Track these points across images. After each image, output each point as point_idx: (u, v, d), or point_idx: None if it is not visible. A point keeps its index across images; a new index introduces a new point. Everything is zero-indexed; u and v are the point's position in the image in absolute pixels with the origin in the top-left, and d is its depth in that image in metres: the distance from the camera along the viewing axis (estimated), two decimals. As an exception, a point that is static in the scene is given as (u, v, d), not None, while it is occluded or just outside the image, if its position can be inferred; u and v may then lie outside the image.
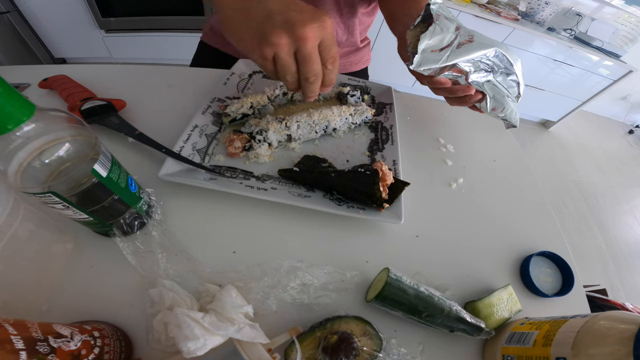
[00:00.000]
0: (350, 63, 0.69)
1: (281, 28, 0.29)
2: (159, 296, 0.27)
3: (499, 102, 0.45)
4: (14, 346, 0.16)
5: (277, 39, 0.29)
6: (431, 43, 0.38)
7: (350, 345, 0.26)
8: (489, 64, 0.42)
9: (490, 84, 0.44)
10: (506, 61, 0.42)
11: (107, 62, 1.98)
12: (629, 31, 2.15)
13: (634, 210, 1.99)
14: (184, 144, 0.40)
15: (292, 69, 0.32)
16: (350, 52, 0.67)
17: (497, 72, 0.43)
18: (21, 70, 0.51)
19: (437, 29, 0.38)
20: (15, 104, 0.18)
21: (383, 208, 0.36)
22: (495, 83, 0.44)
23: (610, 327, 0.22)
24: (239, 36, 0.32)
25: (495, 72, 0.43)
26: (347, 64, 0.68)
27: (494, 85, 0.44)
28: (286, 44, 0.30)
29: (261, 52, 0.30)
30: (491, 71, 0.42)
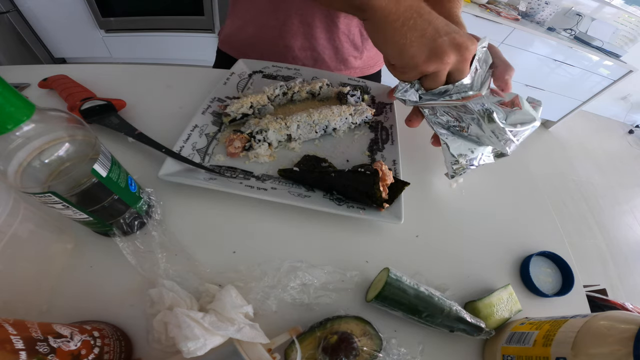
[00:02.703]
0: (368, 67, 0.68)
1: (451, 48, 0.31)
2: (159, 296, 0.27)
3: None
4: (14, 346, 0.16)
5: (447, 58, 0.31)
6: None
7: (350, 345, 0.26)
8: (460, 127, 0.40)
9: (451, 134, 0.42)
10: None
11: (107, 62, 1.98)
12: (629, 31, 2.15)
13: (634, 210, 1.99)
14: (183, 144, 0.40)
15: (440, 84, 0.35)
16: (370, 55, 0.66)
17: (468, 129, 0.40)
18: (21, 70, 0.51)
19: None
20: (15, 104, 0.18)
21: (383, 208, 0.36)
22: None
23: (610, 327, 0.22)
24: (403, 49, 0.32)
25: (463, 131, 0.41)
26: (365, 67, 0.67)
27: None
28: (451, 62, 0.32)
29: (426, 67, 0.32)
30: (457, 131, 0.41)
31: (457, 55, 0.32)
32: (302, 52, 0.60)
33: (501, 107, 0.38)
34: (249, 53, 0.61)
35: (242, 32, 0.61)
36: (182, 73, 0.55)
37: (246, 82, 0.53)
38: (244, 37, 0.61)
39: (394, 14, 0.31)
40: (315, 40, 0.58)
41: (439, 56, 0.31)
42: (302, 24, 0.55)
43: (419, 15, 0.31)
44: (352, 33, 0.58)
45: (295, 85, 0.50)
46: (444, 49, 0.31)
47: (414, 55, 0.32)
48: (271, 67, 0.56)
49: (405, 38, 0.31)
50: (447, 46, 0.31)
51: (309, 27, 0.55)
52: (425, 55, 0.32)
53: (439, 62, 0.32)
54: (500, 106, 0.38)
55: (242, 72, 0.54)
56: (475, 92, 0.37)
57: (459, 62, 0.33)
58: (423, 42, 0.31)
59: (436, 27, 0.31)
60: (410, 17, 0.31)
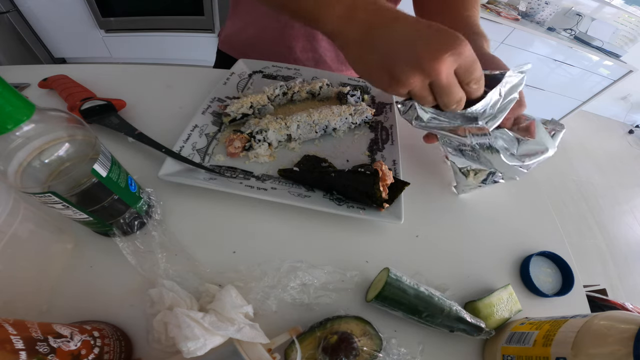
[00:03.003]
0: None
1: (408, 66, 0.26)
2: (159, 296, 0.27)
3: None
4: (14, 346, 0.16)
5: (406, 79, 0.27)
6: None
7: (350, 345, 0.26)
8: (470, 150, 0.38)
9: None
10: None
11: (107, 62, 1.98)
12: (629, 31, 2.15)
13: (634, 210, 1.99)
14: (183, 144, 0.40)
15: (430, 99, 0.30)
16: None
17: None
18: (21, 70, 0.51)
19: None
20: (15, 104, 0.18)
21: (383, 208, 0.36)
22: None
23: (610, 327, 0.22)
24: (369, 75, 0.29)
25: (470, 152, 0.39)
26: None
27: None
28: (418, 81, 0.27)
29: (396, 92, 0.29)
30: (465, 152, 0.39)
31: (419, 70, 0.26)
32: (304, 54, 0.60)
33: (513, 138, 0.36)
34: (249, 54, 0.61)
35: (243, 32, 0.61)
36: (182, 73, 0.55)
37: (246, 82, 0.53)
38: (244, 37, 0.61)
39: (345, 35, 0.28)
40: (317, 42, 0.58)
41: (396, 79, 0.27)
42: (304, 26, 0.55)
43: (376, 29, 0.27)
44: None
45: (295, 85, 0.50)
46: (399, 70, 0.27)
47: (378, 81, 0.29)
48: (271, 67, 0.56)
49: (364, 63, 0.28)
50: (405, 65, 0.26)
51: (311, 29, 0.55)
52: (387, 80, 0.28)
53: (400, 85, 0.28)
54: (514, 136, 0.36)
55: (242, 72, 0.54)
56: (482, 125, 0.33)
57: (430, 78, 0.27)
58: (380, 64, 0.27)
59: (394, 40, 0.26)
60: (365, 36, 0.27)
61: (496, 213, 0.44)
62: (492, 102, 0.32)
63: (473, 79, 0.28)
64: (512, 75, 0.32)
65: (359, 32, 0.28)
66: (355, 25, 0.27)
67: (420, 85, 0.28)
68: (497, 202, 0.45)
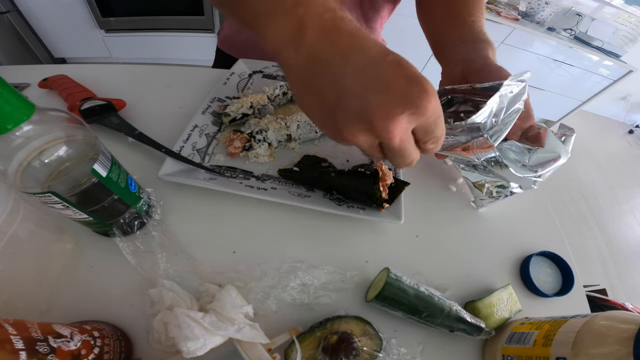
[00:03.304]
0: None
1: (355, 121, 0.20)
2: (159, 296, 0.27)
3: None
4: (14, 346, 0.16)
5: (351, 136, 0.21)
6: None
7: (350, 345, 0.26)
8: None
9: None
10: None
11: (107, 62, 1.98)
12: (629, 31, 2.14)
13: (634, 210, 1.99)
14: (183, 144, 0.40)
15: (379, 156, 0.24)
16: None
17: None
18: (21, 70, 0.51)
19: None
20: (15, 104, 0.18)
21: (383, 208, 0.36)
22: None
23: (610, 327, 0.22)
24: (310, 117, 0.24)
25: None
26: None
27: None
28: (365, 140, 0.22)
29: (341, 143, 0.23)
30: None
31: (367, 131, 0.21)
32: None
33: (523, 149, 0.35)
34: (249, 54, 0.61)
35: (243, 33, 0.61)
36: (182, 73, 0.55)
37: (246, 82, 0.53)
38: (244, 38, 0.61)
39: (291, 67, 0.21)
40: None
41: (340, 133, 0.22)
42: None
43: (324, 65, 0.20)
44: None
45: (295, 85, 0.50)
46: (343, 124, 0.21)
47: (321, 127, 0.23)
48: (271, 67, 0.56)
49: (307, 103, 0.22)
50: (351, 119, 0.20)
51: None
52: (331, 130, 0.22)
53: (345, 140, 0.22)
54: (523, 147, 0.35)
55: (242, 72, 0.54)
56: (486, 138, 0.31)
57: (378, 138, 0.21)
58: (322, 112, 0.22)
59: (341, 86, 0.20)
60: (311, 72, 0.21)
61: (496, 213, 0.44)
62: (494, 110, 0.31)
63: (432, 138, 0.23)
64: (510, 84, 0.30)
65: (302, 61, 0.21)
66: (301, 50, 0.20)
67: (368, 144, 0.22)
68: (497, 202, 0.45)
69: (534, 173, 0.35)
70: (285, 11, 0.20)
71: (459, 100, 0.37)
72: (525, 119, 0.35)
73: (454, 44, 0.43)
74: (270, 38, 0.21)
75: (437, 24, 0.48)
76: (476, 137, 0.32)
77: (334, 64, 0.20)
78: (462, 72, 0.39)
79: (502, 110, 0.31)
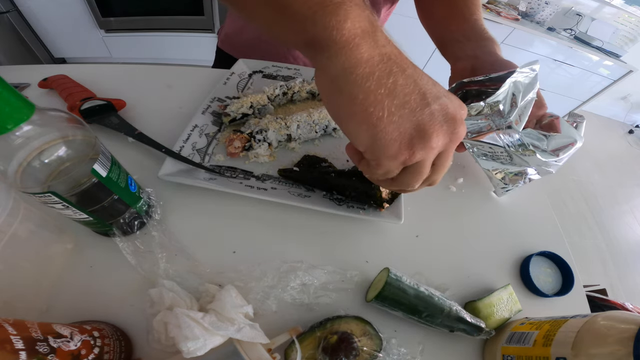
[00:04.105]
0: None
1: (442, 124, 0.20)
2: (159, 296, 0.27)
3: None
4: (14, 346, 0.16)
5: (437, 139, 0.20)
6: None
7: (350, 345, 0.26)
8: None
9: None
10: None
11: (107, 62, 1.98)
12: (629, 31, 2.15)
13: (634, 210, 1.99)
14: (183, 144, 0.40)
15: (424, 177, 0.23)
16: None
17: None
18: (21, 70, 0.51)
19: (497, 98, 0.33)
20: (15, 104, 0.18)
21: (383, 208, 0.36)
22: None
23: (610, 327, 0.22)
24: (376, 125, 0.20)
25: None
26: None
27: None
28: (441, 146, 0.21)
29: (409, 157, 0.21)
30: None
31: (449, 133, 0.21)
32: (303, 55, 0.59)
33: (540, 135, 0.37)
34: (249, 53, 0.61)
35: (244, 33, 0.61)
36: (182, 73, 0.55)
37: (246, 82, 0.53)
38: (245, 38, 0.61)
39: (366, 62, 0.19)
40: None
41: (425, 138, 0.20)
42: None
43: (401, 69, 0.20)
44: None
45: (295, 85, 0.50)
46: (433, 125, 0.20)
47: (393, 139, 0.20)
48: (271, 67, 0.56)
49: (382, 108, 0.19)
50: (437, 120, 0.20)
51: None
52: (408, 137, 0.20)
53: (424, 147, 0.21)
54: (539, 134, 0.37)
55: (242, 72, 0.54)
56: (510, 121, 0.34)
57: (450, 142, 0.22)
58: (405, 116, 0.20)
59: (423, 89, 0.20)
60: (389, 73, 0.19)
61: (496, 213, 0.44)
62: (511, 93, 0.33)
63: (445, 166, 0.24)
64: (523, 72, 0.33)
65: (380, 59, 0.19)
66: (377, 49, 0.19)
67: (437, 153, 0.22)
68: (497, 202, 0.45)
69: (556, 157, 0.37)
70: (357, 4, 0.19)
71: (472, 94, 0.38)
72: (539, 107, 0.36)
73: (460, 42, 0.43)
74: (340, 23, 0.19)
75: (440, 23, 0.49)
76: (499, 122, 0.34)
77: (410, 69, 0.20)
78: (473, 67, 0.40)
79: (519, 94, 0.33)
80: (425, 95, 0.20)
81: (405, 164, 0.22)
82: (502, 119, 0.34)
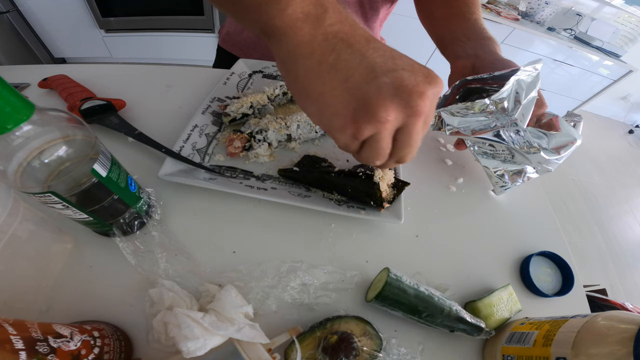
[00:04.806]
0: None
1: (392, 97, 0.20)
2: (158, 296, 0.27)
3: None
4: (14, 346, 0.16)
5: (385, 113, 0.20)
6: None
7: (350, 345, 0.26)
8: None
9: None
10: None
11: (107, 62, 1.98)
12: (629, 31, 2.15)
13: (634, 210, 1.99)
14: (183, 144, 0.40)
15: (387, 152, 0.23)
16: None
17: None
18: (21, 70, 0.51)
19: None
20: (15, 104, 0.18)
21: (383, 208, 0.36)
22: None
23: (610, 327, 0.22)
24: (318, 100, 0.21)
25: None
26: None
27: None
28: (393, 120, 0.21)
29: (356, 130, 0.21)
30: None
31: (402, 107, 0.20)
32: None
33: (540, 133, 0.37)
34: (250, 52, 0.61)
35: (245, 31, 0.61)
36: (182, 73, 0.55)
37: (246, 82, 0.53)
38: (245, 36, 0.62)
39: (307, 43, 0.20)
40: None
41: (369, 112, 0.20)
42: None
43: (348, 45, 0.21)
44: None
45: (295, 85, 0.50)
46: (378, 98, 0.20)
47: (336, 113, 0.21)
48: (271, 67, 0.56)
49: (322, 83, 0.21)
50: (385, 93, 0.20)
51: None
52: (352, 112, 0.21)
53: (372, 121, 0.21)
54: (539, 132, 0.37)
55: (242, 72, 0.54)
56: (515, 118, 0.34)
57: (408, 117, 0.21)
58: (347, 89, 0.20)
59: (371, 63, 0.20)
60: (331, 50, 0.20)
61: (496, 213, 0.44)
62: (514, 91, 0.33)
63: (409, 144, 0.23)
64: (526, 70, 0.33)
65: (324, 38, 0.21)
66: (320, 27, 0.20)
67: (391, 127, 0.21)
68: (497, 202, 0.45)
69: (557, 155, 0.37)
70: None
71: (475, 91, 0.39)
72: (540, 106, 0.37)
73: (461, 41, 0.43)
74: (282, 10, 0.20)
75: (439, 23, 0.49)
76: (503, 119, 0.34)
77: (359, 45, 0.21)
78: (474, 66, 0.40)
79: (522, 92, 0.34)
80: (374, 68, 0.20)
81: (356, 138, 0.22)
82: (506, 117, 0.35)
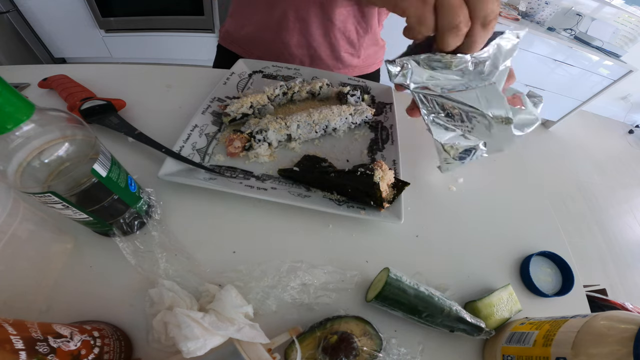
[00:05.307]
0: (366, 65, 0.68)
1: None
2: (158, 296, 0.27)
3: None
4: (14, 346, 0.16)
5: None
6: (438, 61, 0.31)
7: (350, 345, 0.26)
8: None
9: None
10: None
11: (107, 62, 1.98)
12: (629, 31, 2.14)
13: (634, 210, 1.99)
14: (183, 144, 0.40)
15: (463, 10, 0.25)
16: (368, 54, 0.65)
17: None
18: (21, 70, 0.51)
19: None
20: (15, 104, 0.18)
21: (383, 208, 0.36)
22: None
23: (610, 327, 0.22)
24: None
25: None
26: (363, 66, 0.67)
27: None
28: None
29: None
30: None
31: None
32: (299, 50, 0.60)
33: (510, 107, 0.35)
34: (250, 49, 0.61)
35: (243, 30, 0.62)
36: (182, 73, 0.55)
37: (246, 82, 0.53)
38: (244, 34, 0.62)
39: None
40: (311, 36, 0.58)
41: None
42: (297, 20, 0.55)
43: None
44: (348, 30, 0.58)
45: (295, 85, 0.50)
46: None
47: None
48: (271, 67, 0.56)
49: None
50: None
51: (304, 23, 0.55)
52: None
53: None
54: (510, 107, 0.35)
55: (242, 72, 0.54)
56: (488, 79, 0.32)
57: None
58: None
59: None
60: None
61: (496, 213, 0.44)
62: (492, 53, 0.31)
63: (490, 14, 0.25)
64: (506, 37, 0.32)
65: None
66: None
67: None
68: (498, 202, 0.45)
69: (522, 132, 0.36)
70: None
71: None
72: (510, 77, 0.36)
73: None
74: None
75: None
76: (475, 83, 0.32)
77: None
78: None
79: (500, 58, 0.32)
80: None
81: (427, 3, 0.24)
82: (481, 80, 0.32)
